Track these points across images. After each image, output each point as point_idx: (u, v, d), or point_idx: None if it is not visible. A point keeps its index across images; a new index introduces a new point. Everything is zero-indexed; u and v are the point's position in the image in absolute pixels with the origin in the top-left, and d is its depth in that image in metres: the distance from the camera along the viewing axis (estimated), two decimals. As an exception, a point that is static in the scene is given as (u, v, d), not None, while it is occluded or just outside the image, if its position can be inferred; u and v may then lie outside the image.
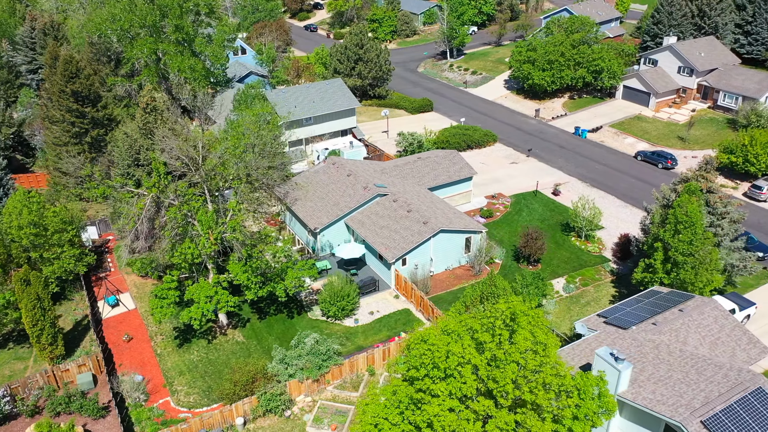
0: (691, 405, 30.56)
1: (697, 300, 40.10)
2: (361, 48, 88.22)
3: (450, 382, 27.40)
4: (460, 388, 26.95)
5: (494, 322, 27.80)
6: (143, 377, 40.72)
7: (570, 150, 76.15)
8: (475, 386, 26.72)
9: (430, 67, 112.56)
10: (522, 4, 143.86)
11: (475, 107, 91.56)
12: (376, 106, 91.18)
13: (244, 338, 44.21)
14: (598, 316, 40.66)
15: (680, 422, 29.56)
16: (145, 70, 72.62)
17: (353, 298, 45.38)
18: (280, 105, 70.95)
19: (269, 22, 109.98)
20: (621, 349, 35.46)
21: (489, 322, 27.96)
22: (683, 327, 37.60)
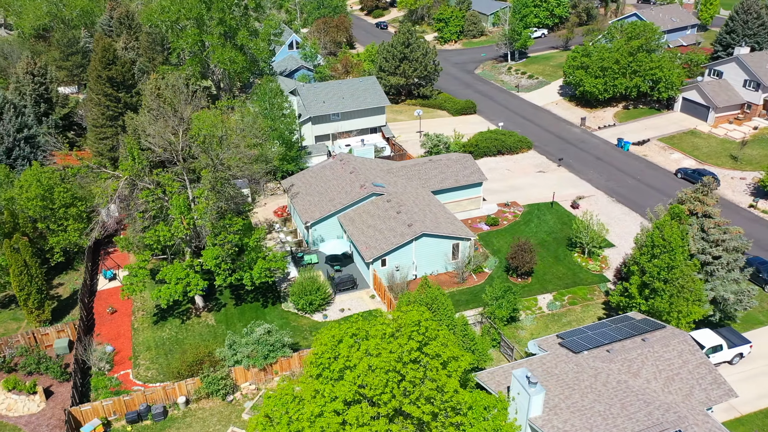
0: (603, 440, 28.76)
1: (666, 331, 37.37)
2: (407, 47, 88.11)
3: (336, 385, 27.37)
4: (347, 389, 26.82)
5: (385, 329, 27.46)
6: (113, 348, 43.31)
7: (606, 162, 72.49)
8: (354, 390, 26.47)
9: (489, 69, 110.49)
10: (601, 8, 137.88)
11: (520, 112, 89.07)
12: (419, 106, 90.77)
13: (215, 322, 45.90)
14: (557, 337, 38.80)
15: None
16: (188, 60, 76.41)
17: (323, 294, 45.86)
18: (309, 100, 72.50)
19: (330, 18, 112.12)
20: (559, 373, 33.82)
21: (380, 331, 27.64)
22: (639, 358, 35.21)
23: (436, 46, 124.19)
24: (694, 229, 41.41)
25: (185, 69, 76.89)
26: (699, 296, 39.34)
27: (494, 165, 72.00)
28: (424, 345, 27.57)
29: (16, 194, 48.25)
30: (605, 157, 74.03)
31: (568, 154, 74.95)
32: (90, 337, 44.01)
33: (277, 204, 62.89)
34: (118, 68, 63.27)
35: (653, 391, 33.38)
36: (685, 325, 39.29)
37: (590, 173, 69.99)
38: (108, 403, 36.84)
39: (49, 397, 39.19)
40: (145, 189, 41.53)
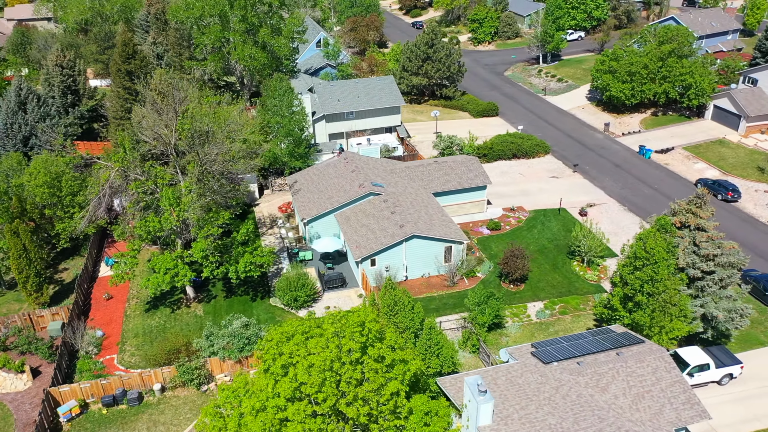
0: (551, 454, 28.07)
1: (644, 346, 36.15)
2: (431, 47, 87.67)
3: (279, 380, 27.64)
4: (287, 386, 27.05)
5: (329, 329, 27.59)
6: (103, 333, 44.80)
7: (624, 170, 70.46)
8: (293, 387, 26.64)
9: (519, 71, 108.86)
10: (644, 11, 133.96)
11: (544, 116, 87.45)
12: (441, 107, 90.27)
13: (203, 313, 46.87)
14: (532, 346, 38.02)
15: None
16: (210, 57, 78.09)
17: (309, 291, 46.22)
18: (325, 98, 73.05)
19: (361, 17, 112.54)
20: (522, 383, 33.16)
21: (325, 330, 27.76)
22: (610, 372, 34.21)
23: (469, 47, 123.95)
24: (686, 243, 39.86)
25: (207, 64, 78.64)
26: (684, 312, 37.87)
27: (507, 169, 70.98)
28: (369, 346, 27.55)
29: (25, 181, 50.39)
30: (624, 164, 71.95)
31: (586, 160, 73.20)
32: (81, 321, 45.46)
33: (282, 200, 63.65)
34: (136, 62, 65.24)
35: (619, 408, 32.40)
36: (668, 341, 37.91)
37: (606, 180, 68.17)
38: (86, 385, 38.14)
39: (37, 376, 40.85)
40: (136, 180, 42.76)
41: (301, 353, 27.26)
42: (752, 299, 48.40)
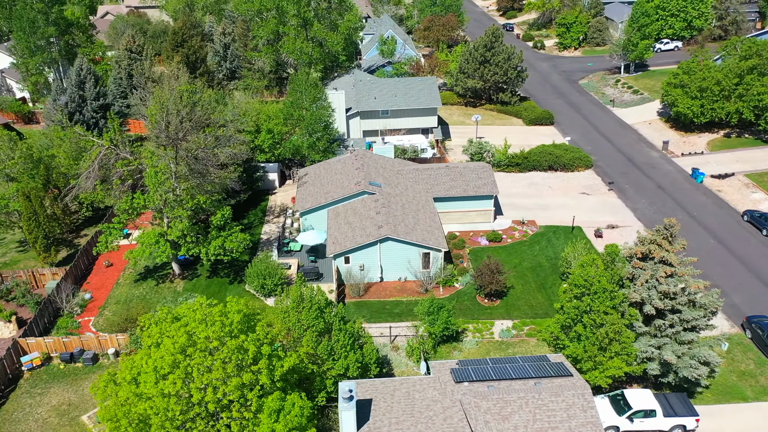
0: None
1: (568, 380, 33.80)
2: (489, 50, 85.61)
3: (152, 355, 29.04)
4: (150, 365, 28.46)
5: (195, 315, 28.61)
6: (91, 296, 48.85)
7: (667, 192, 65.10)
8: (152, 366, 27.91)
9: (597, 80, 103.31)
10: (759, 21, 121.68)
11: (602, 128, 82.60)
12: (496, 112, 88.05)
13: (182, 290, 49.62)
14: (457, 363, 36.74)
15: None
16: (264, 49, 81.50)
17: (277, 280, 47.44)
18: (362, 94, 73.88)
19: (439, 17, 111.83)
20: (416, 399, 32.33)
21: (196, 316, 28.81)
22: (518, 401, 32.44)
23: (554, 52, 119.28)
24: (647, 276, 36.52)
25: (261, 56, 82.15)
26: (628, 350, 34.83)
27: (538, 180, 68.03)
28: (232, 337, 28.25)
29: (55, 152, 55.80)
30: (669, 186, 66.42)
31: (629, 178, 68.39)
32: (73, 283, 49.42)
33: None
34: (184, 51, 69.69)
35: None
36: (602, 379, 35.07)
37: (640, 202, 63.40)
38: (50, 340, 41.95)
39: (22, 326, 45.41)
40: (124, 159, 46.10)
41: (171, 333, 28.52)
42: (753, 347, 43.45)
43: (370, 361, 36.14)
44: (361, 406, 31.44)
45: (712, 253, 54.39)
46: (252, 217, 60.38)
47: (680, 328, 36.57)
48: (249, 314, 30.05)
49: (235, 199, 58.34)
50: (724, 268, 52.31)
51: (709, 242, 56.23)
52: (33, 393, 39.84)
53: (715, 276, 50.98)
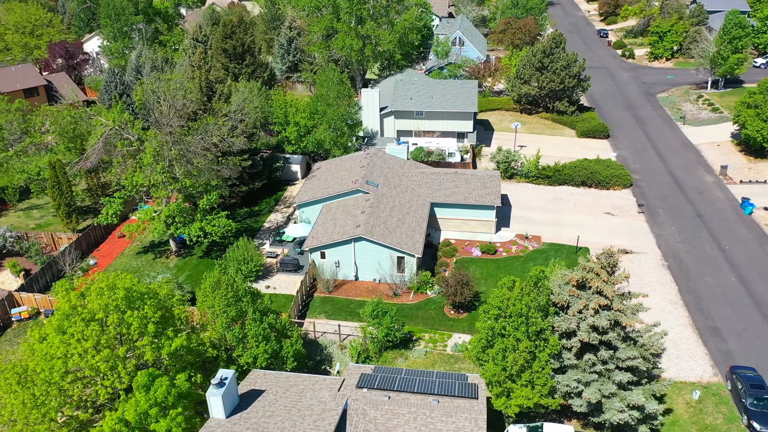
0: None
1: (469, 403, 32.56)
2: (547, 56, 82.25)
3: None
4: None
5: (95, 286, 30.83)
6: (95, 262, 53.38)
7: (704, 221, 59.54)
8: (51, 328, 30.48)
9: (679, 94, 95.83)
10: None
11: (660, 146, 76.75)
12: (550, 121, 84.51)
13: (174, 266, 52.84)
14: (372, 369, 36.45)
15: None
16: (316, 44, 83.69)
17: (253, 266, 49.18)
18: (399, 94, 73.95)
19: (516, 19, 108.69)
20: (308, 397, 32.58)
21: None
22: (407, 415, 31.83)
23: (643, 62, 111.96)
24: (580, 305, 34.08)
25: (314, 50, 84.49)
26: (542, 380, 32.82)
27: (565, 195, 64.72)
28: (119, 311, 30.18)
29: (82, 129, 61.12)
30: (709, 215, 60.62)
31: (669, 202, 63.20)
32: (82, 249, 54.14)
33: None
34: (232, 42, 73.41)
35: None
36: (511, 407, 33.28)
37: (668, 229, 58.48)
38: (39, 297, 46.53)
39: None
40: (126, 139, 49.81)
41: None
42: (729, 401, 39.13)
43: (287, 355, 36.78)
44: (248, 395, 32.27)
45: (727, 292, 49.26)
46: (264, 205, 62.72)
47: (613, 365, 33.82)
48: (143, 292, 31.81)
49: (248, 186, 60.94)
50: (735, 310, 47.22)
51: (730, 280, 50.89)
52: (14, 341, 44.48)
53: (720, 317, 46.37)
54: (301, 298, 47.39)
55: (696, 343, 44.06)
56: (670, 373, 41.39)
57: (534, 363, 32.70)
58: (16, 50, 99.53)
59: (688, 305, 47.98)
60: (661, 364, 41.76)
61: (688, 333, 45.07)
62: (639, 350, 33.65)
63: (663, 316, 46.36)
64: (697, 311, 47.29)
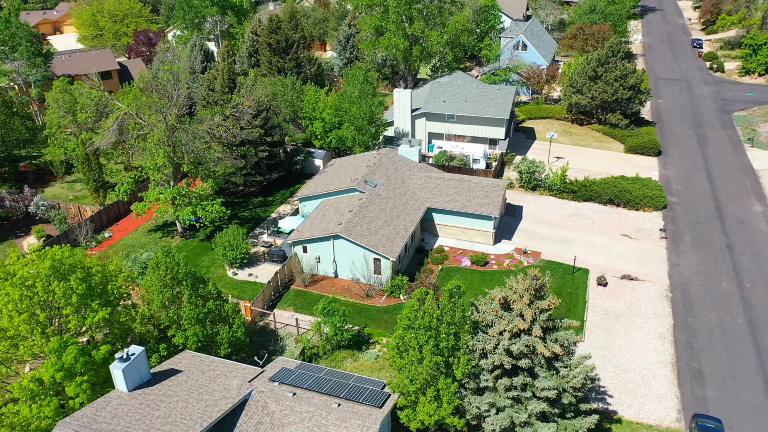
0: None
1: (369, 410, 32.31)
2: (602, 65, 78.03)
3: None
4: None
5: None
6: (110, 235, 57.60)
7: (733, 254, 54.38)
8: None
9: (761, 114, 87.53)
10: None
11: (714, 169, 70.67)
12: (601, 133, 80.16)
13: (175, 246, 55.85)
14: (297, 366, 36.85)
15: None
16: (363, 43, 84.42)
17: (238, 253, 50.99)
18: (434, 96, 73.26)
19: (590, 25, 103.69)
20: (219, 382, 33.63)
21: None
22: (305, 414, 32.17)
23: (732, 76, 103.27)
24: (501, 326, 32.54)
25: (364, 47, 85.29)
26: (448, 399, 31.77)
27: (587, 212, 61.38)
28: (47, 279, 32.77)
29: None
30: (742, 248, 55.20)
31: (699, 230, 58.23)
32: (100, 222, 58.54)
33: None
34: (276, 37, 75.94)
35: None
36: (412, 421, 32.46)
37: (689, 259, 53.93)
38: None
39: (48, 246, 55.60)
40: (138, 123, 53.23)
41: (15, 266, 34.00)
42: (683, 453, 35.92)
43: (222, 341, 38.03)
44: (164, 374, 33.77)
45: (728, 334, 44.86)
46: (278, 196, 64.58)
47: (530, 393, 32.06)
48: (73, 265, 34.13)
49: (263, 177, 63.02)
50: (729, 355, 42.94)
51: (736, 321, 46.25)
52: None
53: (708, 359, 42.48)
54: (275, 289, 48.55)
55: (670, 384, 40.56)
56: (629, 411, 38.64)
57: (440, 380, 31.72)
58: (108, 36, 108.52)
59: (677, 342, 44.18)
60: (615, 399, 39.05)
61: (665, 372, 41.57)
62: (559, 381, 31.64)
63: (645, 351, 43.24)
64: (685, 350, 43.46)
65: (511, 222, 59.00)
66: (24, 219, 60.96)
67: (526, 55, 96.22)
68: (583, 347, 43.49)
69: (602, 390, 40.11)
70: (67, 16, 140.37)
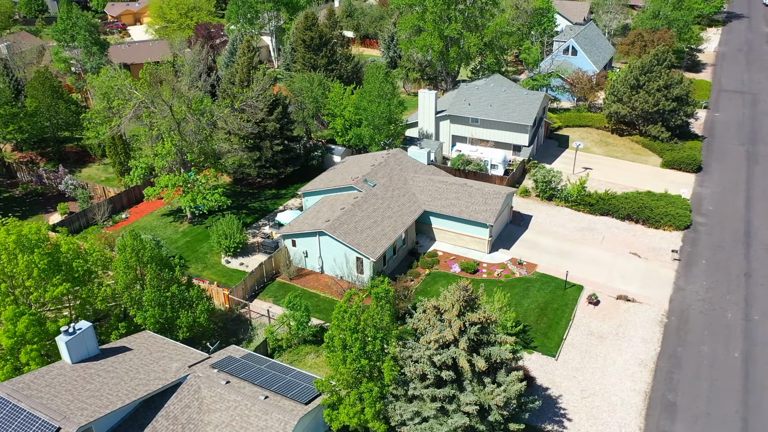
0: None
1: (293, 405, 32.64)
2: (645, 74, 74.17)
3: None
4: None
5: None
6: (127, 216, 60.85)
7: (750, 283, 50.51)
8: None
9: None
10: None
11: (755, 190, 65.76)
12: (640, 146, 76.25)
13: (181, 231, 58.22)
14: (243, 357, 37.62)
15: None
16: (403, 42, 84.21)
17: (230, 242, 52.53)
18: (460, 98, 72.23)
19: (651, 31, 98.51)
20: (162, 363, 34.96)
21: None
22: (231, 403, 32.91)
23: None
24: (433, 336, 31.85)
25: (402, 47, 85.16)
26: (369, 402, 31.54)
27: (600, 227, 58.71)
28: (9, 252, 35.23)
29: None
30: (762, 277, 51.11)
31: (721, 255, 54.39)
32: (119, 204, 61.93)
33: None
34: (310, 34, 77.24)
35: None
36: (333, 420, 32.45)
37: (698, 283, 50.53)
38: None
39: (70, 221, 59.50)
40: (153, 112, 55.83)
41: None
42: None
43: (181, 324, 39.46)
44: (113, 350, 35.45)
45: (716, 367, 41.83)
46: (292, 190, 65.77)
47: (455, 406, 31.31)
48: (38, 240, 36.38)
49: (277, 170, 64.45)
50: (711, 389, 40.03)
51: (731, 355, 42.95)
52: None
53: (687, 392, 39.93)
54: (259, 279, 49.67)
55: (635, 415, 38.29)
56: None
57: (363, 383, 31.56)
58: (172, 28, 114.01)
59: (658, 371, 41.58)
60: (573, 423, 37.32)
61: (635, 401, 39.26)
62: (484, 397, 30.67)
63: (620, 377, 41.05)
64: (664, 380, 40.84)
65: (515, 231, 57.34)
66: (57, 196, 65.44)
67: (576, 60, 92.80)
68: (555, 367, 41.91)
69: (562, 412, 38.47)
70: (146, 8, 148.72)
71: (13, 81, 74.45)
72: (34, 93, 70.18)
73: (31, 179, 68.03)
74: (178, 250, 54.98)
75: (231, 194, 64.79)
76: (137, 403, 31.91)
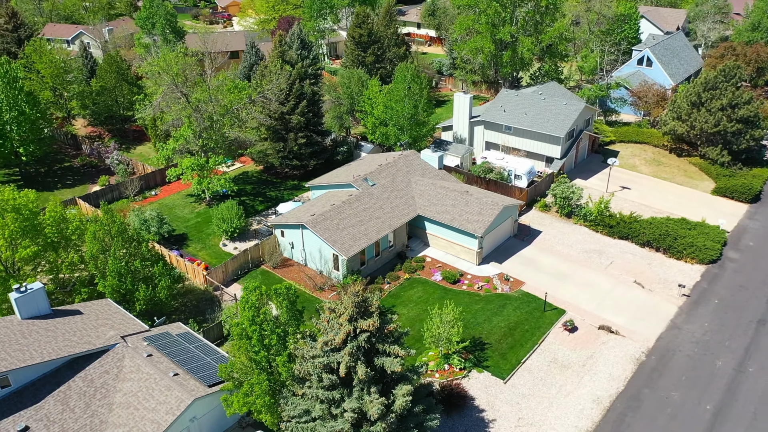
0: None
1: (197, 385, 33.90)
2: (707, 90, 67.97)
3: None
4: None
5: None
6: (156, 193, 65.30)
7: (762, 331, 45.21)
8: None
9: None
10: None
11: (813, 229, 58.27)
12: (697, 168, 70.06)
13: (195, 212, 61.55)
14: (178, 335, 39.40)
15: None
16: (457, 44, 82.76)
17: (228, 227, 54.88)
18: (496, 104, 70.16)
19: (743, 45, 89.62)
20: (100, 330, 37.61)
21: None
22: (149, 375, 34.80)
23: None
24: (329, 337, 31.74)
25: (456, 48, 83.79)
26: (258, 394, 32.15)
27: (612, 250, 54.90)
28: None
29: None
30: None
31: (738, 296, 49.13)
32: (140, 181, 66.32)
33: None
34: (360, 31, 78.21)
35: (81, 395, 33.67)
36: (229, 406, 33.31)
37: (700, 324, 45.97)
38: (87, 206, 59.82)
39: (108, 193, 64.85)
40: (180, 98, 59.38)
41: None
42: None
43: (139, 297, 42.06)
44: (65, 312, 38.55)
45: (680, 418, 38.09)
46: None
47: (340, 411, 31.10)
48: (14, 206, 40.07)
49: (301, 162, 66.20)
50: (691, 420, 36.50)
51: (703, 406, 38.80)
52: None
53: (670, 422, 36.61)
54: (242, 265, 51.48)
55: (566, 453, 35.80)
56: (501, 468, 35.08)
57: (254, 374, 32.19)
58: (258, 20, 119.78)
59: (611, 410, 38.51)
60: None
61: (572, 439, 36.69)
62: (365, 405, 30.19)
63: (567, 411, 38.60)
64: (614, 422, 37.75)
65: (515, 245, 55.00)
66: (105, 170, 71.51)
67: (651, 71, 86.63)
68: (501, 390, 40.08)
69: (488, 438, 36.81)
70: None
71: (90, 62, 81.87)
72: (102, 74, 76.93)
73: (89, 152, 74.76)
74: (187, 229, 58.28)
75: (256, 182, 67.67)
76: (61, 362, 34.60)
